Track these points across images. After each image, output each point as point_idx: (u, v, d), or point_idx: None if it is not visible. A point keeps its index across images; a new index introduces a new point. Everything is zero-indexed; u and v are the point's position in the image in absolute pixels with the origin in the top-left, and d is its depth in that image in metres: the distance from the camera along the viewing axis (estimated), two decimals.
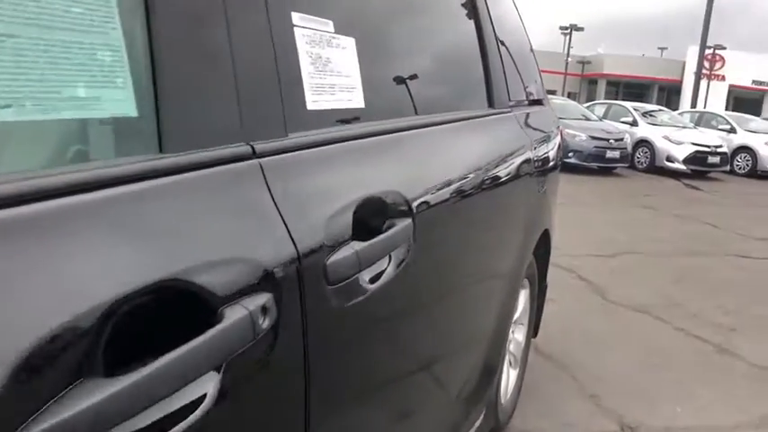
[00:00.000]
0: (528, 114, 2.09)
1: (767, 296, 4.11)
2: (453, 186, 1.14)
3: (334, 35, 0.86)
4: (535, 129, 2.07)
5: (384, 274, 0.82)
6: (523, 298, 2.26)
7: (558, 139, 2.50)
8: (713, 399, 2.56)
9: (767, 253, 5.43)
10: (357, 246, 0.72)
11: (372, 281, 0.79)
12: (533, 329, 2.53)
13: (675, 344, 3.16)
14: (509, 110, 1.75)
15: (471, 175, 1.25)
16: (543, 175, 2.03)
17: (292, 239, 0.62)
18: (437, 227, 1.07)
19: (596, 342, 3.06)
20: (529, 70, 2.35)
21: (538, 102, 2.42)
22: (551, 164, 2.21)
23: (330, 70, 0.83)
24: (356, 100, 0.90)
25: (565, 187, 8.34)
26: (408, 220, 0.89)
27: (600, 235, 5.64)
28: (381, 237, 0.78)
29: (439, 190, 1.06)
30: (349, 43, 0.90)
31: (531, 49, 2.56)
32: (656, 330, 3.32)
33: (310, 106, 0.78)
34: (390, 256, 0.85)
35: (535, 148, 1.86)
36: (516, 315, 2.16)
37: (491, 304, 1.62)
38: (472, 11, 1.59)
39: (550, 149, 2.18)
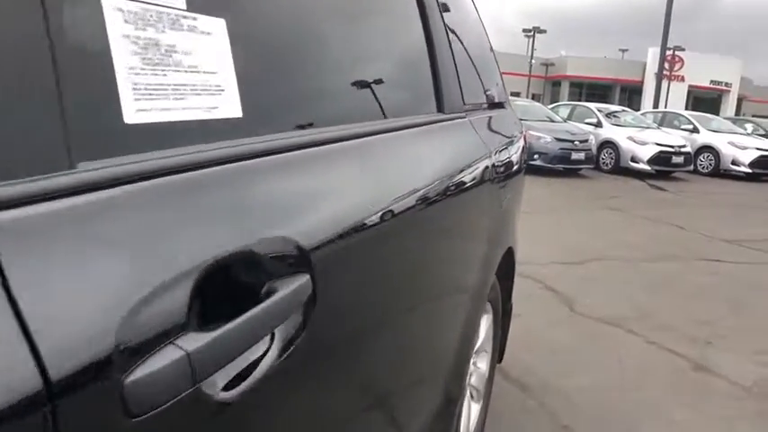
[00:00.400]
0: (487, 119, 1.85)
1: (740, 304, 3.97)
2: (386, 210, 0.88)
3: (185, 13, 0.59)
4: (495, 134, 1.84)
5: (264, 361, 0.56)
6: (486, 323, 2.02)
7: (521, 143, 2.27)
8: (694, 425, 2.36)
9: (736, 256, 5.33)
10: (193, 341, 0.45)
11: (240, 379, 0.52)
12: (498, 355, 2.29)
13: (649, 360, 2.96)
14: (463, 115, 1.50)
15: (412, 195, 1.00)
16: (505, 186, 1.79)
17: (36, 353, 0.35)
18: (363, 264, 0.82)
19: (565, 361, 2.85)
20: (489, 72, 2.11)
21: (498, 105, 2.19)
22: (514, 170, 1.98)
23: (175, 64, 0.56)
24: (227, 108, 0.63)
25: (530, 190, 8.15)
26: (304, 278, 0.62)
27: (567, 240, 5.48)
28: (247, 315, 0.52)
29: (365, 219, 0.80)
30: (214, 26, 0.63)
31: (492, 51, 2.33)
32: (628, 345, 3.12)
33: (131, 118, 0.50)
34: (274, 335, 0.58)
35: (495, 156, 1.62)
36: (478, 343, 1.92)
37: (445, 340, 1.37)
38: (418, 7, 1.34)
39: (513, 155, 1.95)
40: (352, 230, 0.76)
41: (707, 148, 12.56)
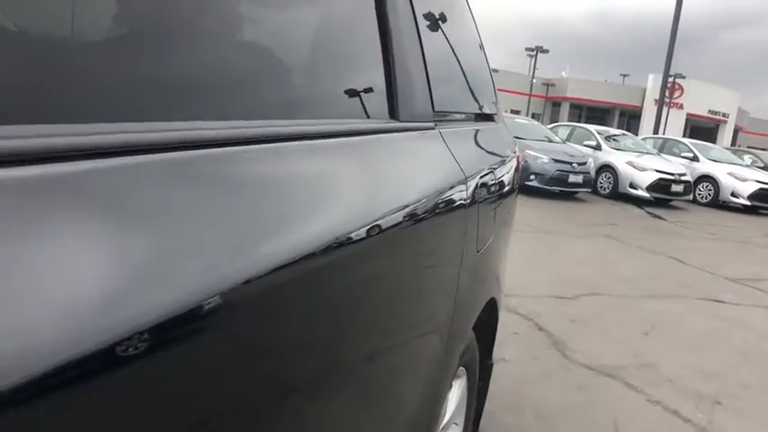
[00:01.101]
0: (471, 133, 1.45)
1: (751, 356, 3.57)
2: (285, 262, 0.48)
3: None
4: (480, 151, 1.44)
5: None
6: (458, 392, 1.60)
7: (513, 164, 1.87)
8: None
9: (741, 297, 4.95)
10: None
11: None
12: (473, 425, 1.88)
13: (652, 424, 2.55)
14: (431, 125, 1.10)
15: (334, 236, 0.59)
16: (487, 222, 1.39)
17: None
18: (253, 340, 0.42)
19: (555, 425, 2.43)
20: (480, 83, 1.72)
21: (487, 117, 1.79)
22: (502, 201, 1.57)
23: None
24: None
25: (525, 212, 7.62)
26: None
27: (561, 271, 5.08)
28: None
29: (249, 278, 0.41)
30: None
31: (487, 63, 1.95)
32: (627, 403, 2.71)
33: None
34: None
35: (474, 181, 1.22)
36: (446, 419, 1.50)
37: (396, 423, 0.97)
38: None
39: (501, 180, 1.54)
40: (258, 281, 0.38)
41: (706, 178, 12.24)
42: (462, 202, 1.12)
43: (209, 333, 0.41)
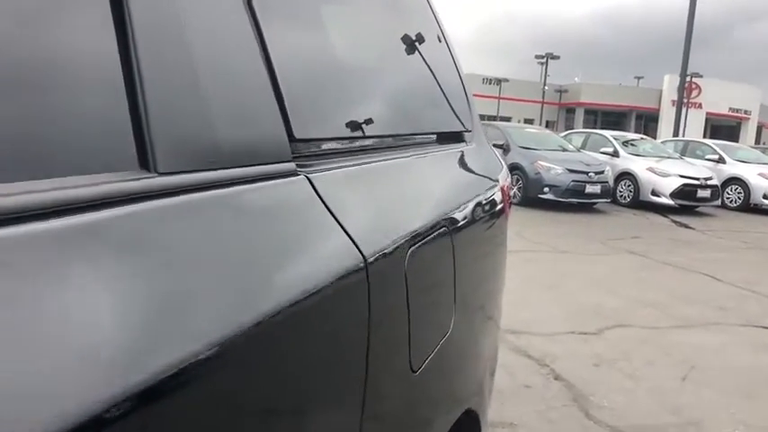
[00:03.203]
0: (405, 166, 0.93)
1: None
2: None
3: None
4: (416, 198, 0.91)
5: None
6: None
7: (496, 198, 1.35)
8: None
9: None
10: None
11: None
12: None
13: None
14: (287, 166, 0.58)
15: None
16: (437, 306, 0.87)
17: None
18: None
19: None
20: (428, 86, 1.21)
21: (450, 138, 1.27)
22: (469, 257, 1.05)
23: None
24: None
25: (539, 228, 6.92)
26: None
27: (580, 299, 4.49)
28: None
29: None
30: None
31: (450, 53, 1.44)
32: None
33: None
34: None
35: (390, 259, 0.69)
36: None
37: None
38: None
39: (462, 229, 1.01)
40: None
41: (735, 180, 11.50)
42: (357, 309, 0.60)
43: None
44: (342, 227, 0.61)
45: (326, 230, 0.59)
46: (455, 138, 1.32)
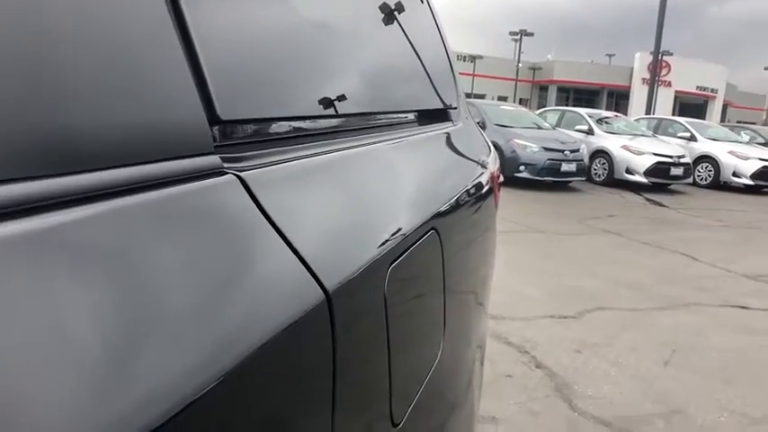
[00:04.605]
0: (385, 152, 0.75)
1: None
2: None
3: None
4: (397, 197, 0.74)
5: None
6: None
7: (488, 187, 1.19)
8: None
9: (766, 300, 4.29)
10: None
11: None
12: None
13: None
14: (210, 160, 0.39)
15: None
16: (423, 338, 0.70)
17: None
18: None
19: None
20: (407, 60, 1.03)
21: (439, 116, 1.10)
22: (459, 265, 0.89)
23: None
24: None
25: (514, 208, 6.82)
26: None
27: (559, 281, 4.40)
28: None
29: None
30: None
31: (433, 16, 1.25)
32: None
33: None
34: None
35: (363, 294, 0.52)
36: None
37: None
38: None
39: (455, 234, 0.85)
40: None
41: (706, 158, 11.59)
42: (317, 357, 0.42)
43: None
44: (291, 248, 0.43)
45: (269, 255, 0.41)
46: (439, 116, 1.15)
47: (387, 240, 0.58)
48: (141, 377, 0.28)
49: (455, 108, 1.26)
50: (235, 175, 0.41)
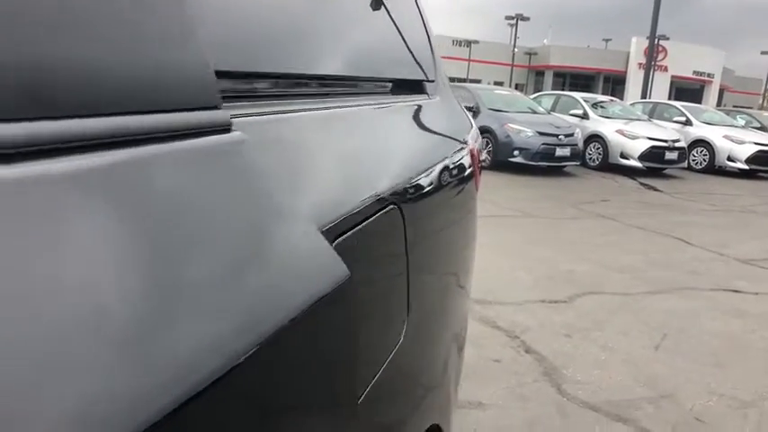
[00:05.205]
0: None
1: None
2: None
3: None
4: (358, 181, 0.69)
5: None
6: None
7: (465, 163, 1.13)
8: None
9: (758, 284, 4.26)
10: None
11: None
12: None
13: None
14: (226, 123, 0.43)
15: None
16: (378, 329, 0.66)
17: None
18: None
19: None
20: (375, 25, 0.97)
21: (414, 87, 1.04)
22: (425, 252, 0.84)
23: None
24: None
25: (509, 192, 6.76)
26: None
27: (551, 265, 4.36)
28: None
29: None
30: None
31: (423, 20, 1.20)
32: None
33: None
34: None
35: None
36: None
37: None
38: None
39: (423, 219, 0.80)
40: None
41: (701, 143, 11.54)
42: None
43: None
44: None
45: (287, 226, 0.39)
46: (415, 88, 1.09)
47: (333, 212, 0.52)
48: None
49: (432, 81, 1.20)
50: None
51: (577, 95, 11.91)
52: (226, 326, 0.33)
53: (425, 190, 0.84)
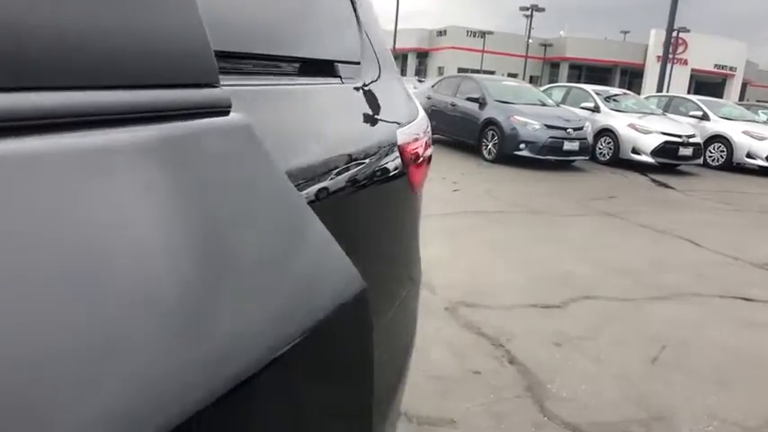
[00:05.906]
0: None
1: None
2: None
3: None
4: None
5: None
6: None
7: (389, 166, 0.92)
8: None
9: None
10: None
11: None
12: None
13: None
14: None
15: None
16: None
17: None
18: None
19: None
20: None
21: (328, 70, 0.83)
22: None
23: None
24: None
25: (512, 187, 6.51)
26: None
27: (548, 265, 4.12)
28: None
29: None
30: None
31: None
32: None
33: None
34: None
35: None
36: None
37: None
38: None
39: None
40: None
41: (718, 138, 11.14)
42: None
43: None
44: None
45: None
46: (324, 70, 0.87)
47: None
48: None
49: (356, 63, 0.98)
50: None
51: (589, 88, 11.55)
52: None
53: (303, 188, 0.63)
